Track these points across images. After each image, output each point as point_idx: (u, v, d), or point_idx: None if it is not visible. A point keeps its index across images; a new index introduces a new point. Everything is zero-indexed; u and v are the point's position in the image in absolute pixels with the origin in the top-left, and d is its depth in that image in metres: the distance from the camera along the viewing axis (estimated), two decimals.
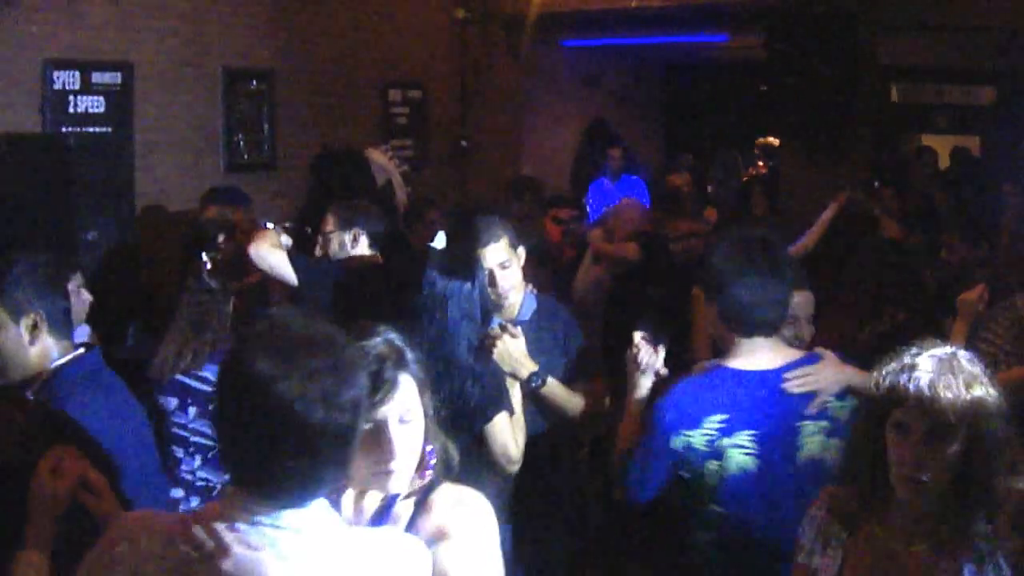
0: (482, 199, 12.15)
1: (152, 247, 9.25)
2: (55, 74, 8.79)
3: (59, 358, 3.84)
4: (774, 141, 14.57)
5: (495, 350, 4.82)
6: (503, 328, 4.90)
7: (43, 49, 8.74)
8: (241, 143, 10.55)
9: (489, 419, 4.54)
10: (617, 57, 16.64)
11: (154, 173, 9.56)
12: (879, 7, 11.20)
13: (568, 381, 5.22)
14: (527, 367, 4.93)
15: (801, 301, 5.47)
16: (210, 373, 5.43)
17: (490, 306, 4.88)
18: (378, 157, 9.99)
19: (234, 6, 10.39)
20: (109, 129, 9.16)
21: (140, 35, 9.48)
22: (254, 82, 10.65)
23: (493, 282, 5.14)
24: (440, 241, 6.87)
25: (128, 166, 8.90)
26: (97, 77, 9.10)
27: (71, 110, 8.89)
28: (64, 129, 8.82)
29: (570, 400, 5.17)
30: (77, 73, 8.94)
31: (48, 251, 4.37)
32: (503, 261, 5.22)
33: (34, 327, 3.79)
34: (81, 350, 3.92)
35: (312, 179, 9.08)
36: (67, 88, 8.87)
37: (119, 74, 9.27)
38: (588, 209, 13.07)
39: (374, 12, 12.06)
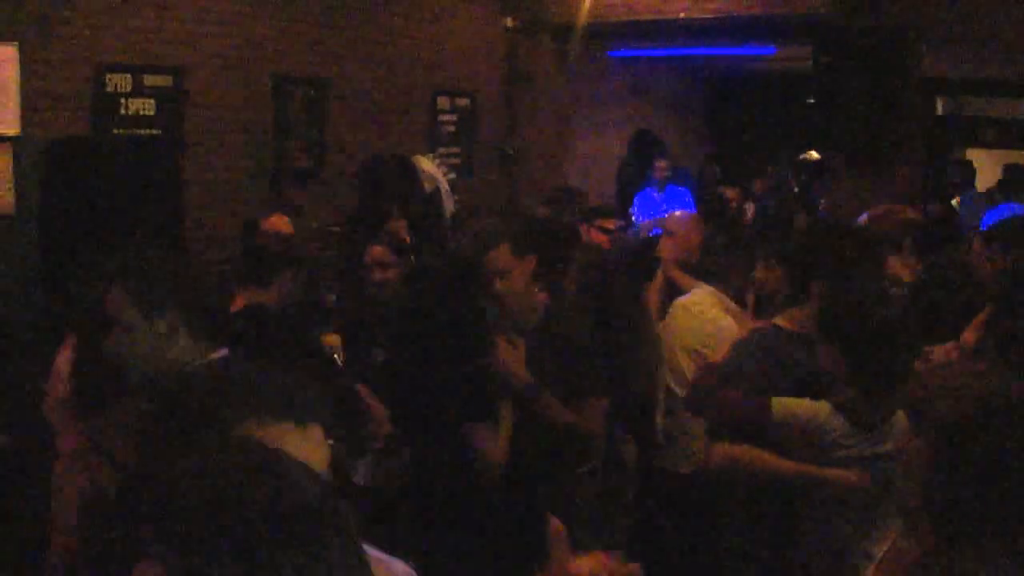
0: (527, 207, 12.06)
1: (200, 250, 9.17)
2: (107, 77, 8.76)
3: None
4: (814, 155, 14.42)
5: (492, 359, 4.63)
6: (503, 337, 4.72)
7: (95, 52, 8.71)
8: (290, 149, 10.42)
9: (470, 422, 4.43)
10: (664, 68, 16.54)
11: (203, 176, 9.47)
12: (925, 20, 11.03)
13: (569, 397, 4.97)
14: (522, 379, 4.72)
15: None
16: None
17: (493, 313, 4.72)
18: (426, 164, 9.91)
19: (285, 13, 10.33)
20: (160, 132, 9.10)
21: (191, 39, 9.45)
22: (304, 88, 10.55)
23: (490, 288, 4.94)
24: None
25: (177, 169, 8.81)
26: (148, 80, 9.06)
27: (122, 112, 8.85)
28: (115, 131, 8.78)
29: (562, 417, 4.93)
30: (129, 76, 8.90)
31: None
32: (501, 268, 5.01)
33: (172, 328, 3.52)
34: (223, 352, 3.63)
35: (361, 185, 8.97)
36: (118, 91, 8.83)
37: (170, 77, 9.23)
38: (634, 219, 12.93)
39: (424, 20, 11.96)
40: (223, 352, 3.62)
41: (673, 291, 7.38)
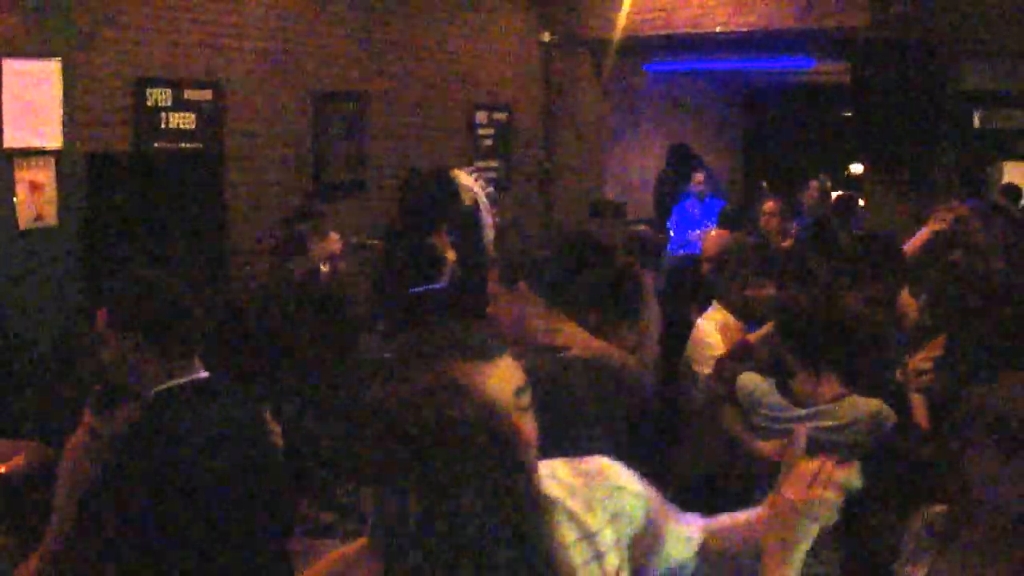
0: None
1: (241, 263, 9.15)
2: (148, 91, 8.76)
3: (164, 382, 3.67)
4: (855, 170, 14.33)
5: None
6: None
7: (136, 66, 8.72)
8: (330, 163, 10.38)
9: None
10: (701, 81, 16.47)
11: (244, 190, 9.45)
12: (962, 33, 10.91)
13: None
14: None
15: None
16: None
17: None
18: (465, 179, 9.84)
19: (324, 28, 10.32)
20: (200, 146, 9.08)
21: (231, 54, 9.45)
22: (343, 103, 10.52)
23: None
24: None
25: (218, 182, 8.80)
26: (189, 94, 9.05)
27: (163, 126, 8.83)
28: (155, 145, 8.78)
29: None
30: (169, 90, 8.89)
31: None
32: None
33: (137, 347, 3.63)
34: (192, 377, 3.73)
35: (401, 200, 8.93)
36: (159, 105, 8.82)
37: (210, 92, 9.22)
38: (672, 233, 12.88)
39: (462, 35, 11.93)
40: (196, 372, 3.71)
41: None
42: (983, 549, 3.26)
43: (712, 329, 6.30)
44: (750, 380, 5.28)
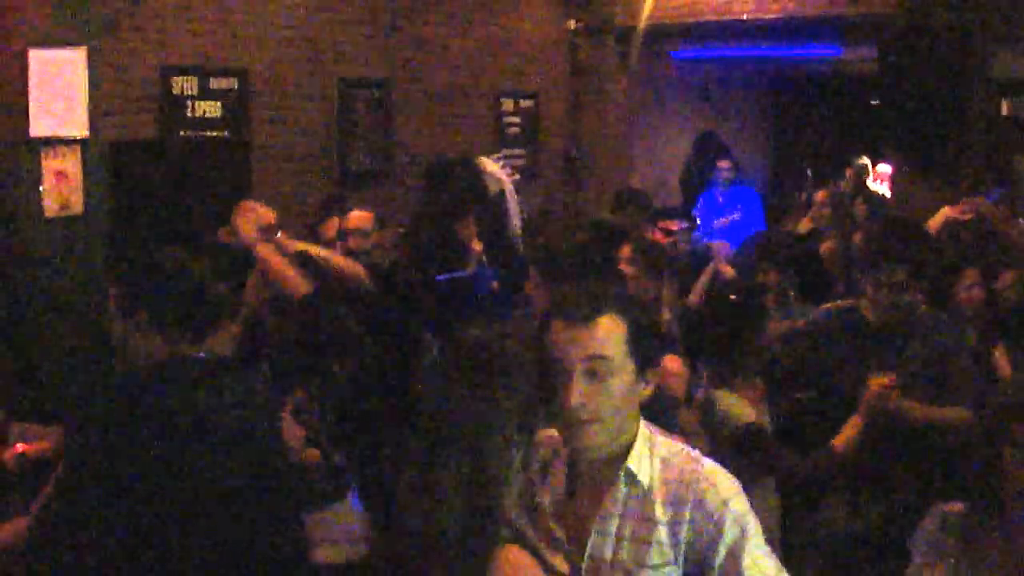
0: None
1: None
2: (173, 80, 8.75)
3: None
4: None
5: None
6: None
7: (160, 56, 8.72)
8: (356, 151, 10.35)
9: None
10: (728, 69, 16.37)
11: (269, 178, 9.43)
12: (991, 21, 10.80)
13: None
14: None
15: None
16: None
17: None
18: (491, 166, 9.79)
19: (349, 15, 10.29)
20: (226, 134, 9.08)
21: (256, 42, 9.44)
22: (369, 90, 10.47)
23: None
24: None
25: (244, 170, 8.79)
26: (214, 83, 9.04)
27: (188, 115, 8.83)
28: (181, 133, 8.78)
29: None
30: (195, 79, 8.89)
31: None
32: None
33: (141, 326, 3.59)
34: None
35: (427, 187, 8.89)
36: (185, 93, 8.81)
37: (235, 80, 9.20)
38: (698, 221, 12.81)
39: (488, 22, 11.88)
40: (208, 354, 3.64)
41: None
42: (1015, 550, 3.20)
43: None
44: None
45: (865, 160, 14.17)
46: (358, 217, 7.13)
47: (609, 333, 2.85)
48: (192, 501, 3.45)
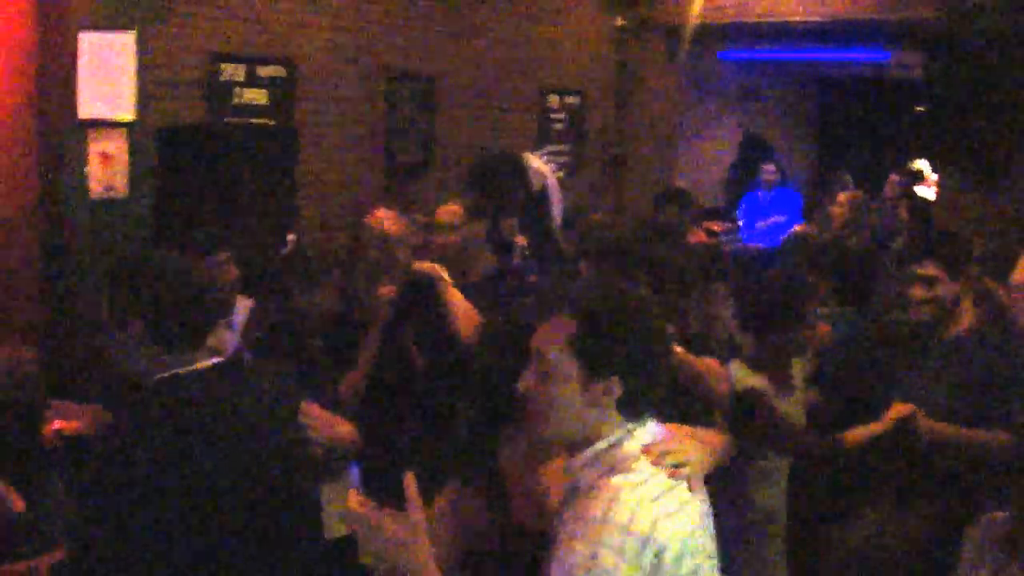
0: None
1: (310, 241, 9.12)
2: (221, 66, 8.74)
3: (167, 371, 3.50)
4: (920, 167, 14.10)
5: None
6: None
7: (210, 41, 8.69)
8: (401, 142, 10.33)
9: None
10: (774, 71, 16.30)
11: (314, 167, 9.40)
12: None
13: None
14: None
15: None
16: None
17: None
18: (535, 162, 9.76)
19: (398, 8, 10.25)
20: (272, 121, 9.06)
21: (305, 31, 9.40)
22: (414, 83, 10.44)
23: None
24: None
25: (289, 159, 8.78)
26: (261, 70, 9.03)
27: (235, 102, 8.83)
28: (227, 120, 8.76)
29: None
30: (242, 66, 8.87)
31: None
32: None
33: (137, 338, 3.46)
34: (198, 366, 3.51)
35: (470, 182, 8.86)
36: (232, 80, 8.80)
37: (283, 68, 9.18)
38: (741, 223, 12.76)
39: (536, 17, 11.84)
40: (211, 360, 3.52)
41: None
42: None
43: None
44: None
45: (919, 164, 14.06)
46: (447, 211, 6.91)
47: (551, 332, 2.91)
48: (216, 507, 3.37)
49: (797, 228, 9.93)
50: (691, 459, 2.96)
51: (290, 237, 8.19)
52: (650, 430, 2.96)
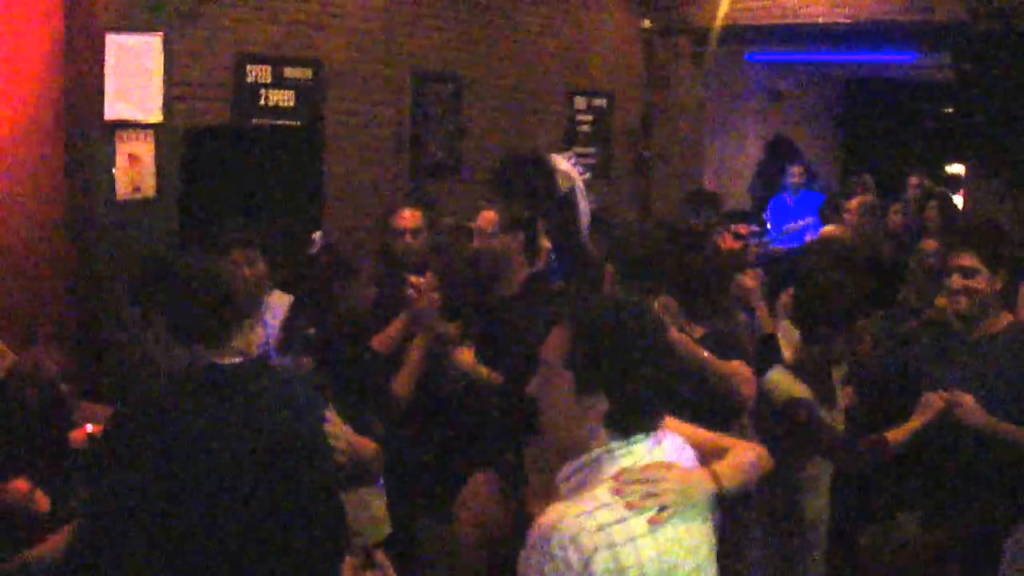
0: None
1: (336, 240, 9.09)
2: (247, 68, 8.72)
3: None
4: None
5: None
6: None
7: (237, 43, 8.67)
8: (428, 144, 10.30)
9: None
10: (801, 73, 16.22)
11: (341, 168, 9.38)
12: None
13: None
14: None
15: None
16: None
17: None
18: (562, 164, 9.69)
19: (425, 9, 10.22)
20: (299, 123, 9.04)
21: (331, 32, 9.38)
22: (442, 84, 10.40)
23: None
24: None
25: (316, 160, 8.76)
26: (288, 72, 9.01)
27: (262, 103, 8.81)
28: (254, 121, 8.76)
29: None
30: (269, 67, 8.85)
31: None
32: None
33: (158, 336, 3.50)
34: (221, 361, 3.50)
35: (496, 183, 8.81)
36: (259, 81, 8.78)
37: (309, 70, 9.16)
38: (768, 225, 12.67)
39: (563, 19, 11.78)
40: (234, 359, 3.49)
41: None
42: None
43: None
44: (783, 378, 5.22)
45: (958, 169, 13.96)
46: (485, 218, 6.81)
47: (554, 341, 3.00)
48: (237, 510, 3.35)
49: (825, 230, 9.86)
50: (664, 490, 2.92)
51: (315, 236, 8.16)
52: (636, 452, 2.95)
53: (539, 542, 2.78)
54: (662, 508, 2.89)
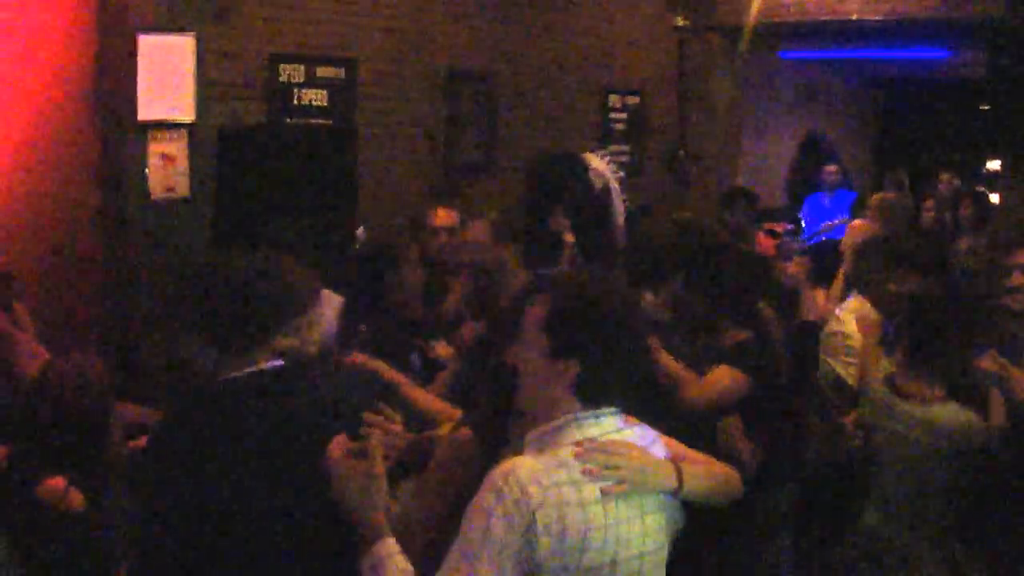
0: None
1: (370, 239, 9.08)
2: (280, 67, 8.70)
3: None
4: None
5: None
6: None
7: (269, 43, 8.65)
8: (461, 142, 10.26)
9: None
10: (835, 70, 16.13)
11: (374, 167, 9.33)
12: None
13: None
14: None
15: None
16: None
17: None
18: (596, 162, 9.62)
19: (458, 8, 10.18)
20: (331, 122, 9.02)
21: (364, 31, 9.34)
22: (475, 83, 10.36)
23: None
24: None
25: (349, 159, 8.73)
26: (321, 71, 8.98)
27: (295, 102, 8.79)
28: (287, 121, 8.74)
29: None
30: (302, 67, 8.83)
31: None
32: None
33: (196, 344, 3.48)
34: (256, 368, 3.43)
35: (527, 181, 8.77)
36: (292, 81, 8.76)
37: (342, 69, 9.12)
38: (803, 223, 12.59)
39: (596, 17, 11.72)
40: (273, 363, 3.44)
41: None
42: None
43: (850, 319, 6.07)
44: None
45: (995, 165, 13.86)
46: (441, 216, 6.91)
47: (533, 308, 3.08)
48: (254, 510, 3.29)
49: (854, 223, 9.80)
50: (624, 467, 2.97)
51: (359, 231, 8.16)
52: (604, 425, 3.04)
53: (493, 484, 2.85)
54: (618, 482, 2.93)
